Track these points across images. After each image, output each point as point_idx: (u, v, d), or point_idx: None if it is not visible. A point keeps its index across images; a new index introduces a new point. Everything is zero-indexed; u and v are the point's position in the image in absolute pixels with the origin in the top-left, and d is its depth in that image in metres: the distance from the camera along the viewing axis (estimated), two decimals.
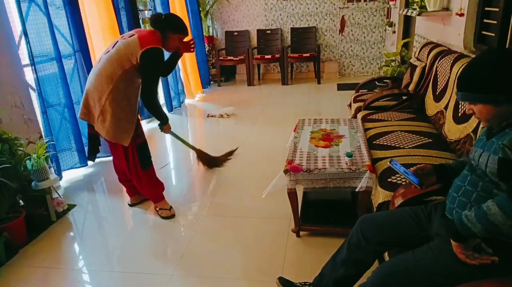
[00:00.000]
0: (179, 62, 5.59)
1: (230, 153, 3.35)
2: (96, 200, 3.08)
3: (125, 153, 2.57)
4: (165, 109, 5.23)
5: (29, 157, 2.57)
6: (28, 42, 2.87)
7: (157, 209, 2.74)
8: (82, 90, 3.47)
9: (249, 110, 5.20)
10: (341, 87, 6.09)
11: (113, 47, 2.41)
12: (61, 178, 3.27)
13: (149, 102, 2.47)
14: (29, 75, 3.01)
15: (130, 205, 2.89)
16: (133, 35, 2.40)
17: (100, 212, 2.93)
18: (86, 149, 3.05)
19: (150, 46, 2.33)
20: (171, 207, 2.73)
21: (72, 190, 3.20)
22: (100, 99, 2.37)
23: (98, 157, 3.70)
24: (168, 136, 4.45)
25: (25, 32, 2.86)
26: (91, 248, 2.43)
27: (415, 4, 3.82)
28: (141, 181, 2.65)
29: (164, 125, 2.67)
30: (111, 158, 3.72)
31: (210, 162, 3.20)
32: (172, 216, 2.68)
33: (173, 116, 5.16)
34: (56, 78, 3.19)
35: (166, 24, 2.46)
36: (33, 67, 2.92)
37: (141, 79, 2.44)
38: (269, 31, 6.76)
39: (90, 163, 3.59)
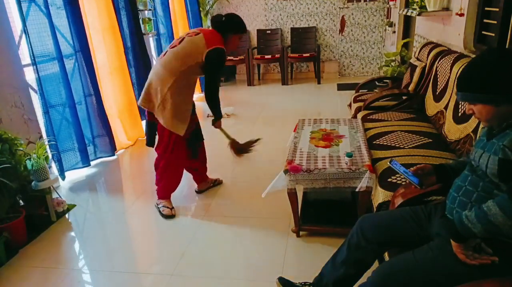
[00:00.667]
0: None
1: (255, 141, 3.42)
2: (96, 200, 3.09)
3: (167, 143, 2.62)
4: None
5: (29, 157, 2.57)
6: (29, 42, 2.87)
7: (159, 205, 2.75)
8: (83, 90, 3.48)
9: (249, 110, 5.20)
10: (341, 87, 6.09)
11: (179, 42, 2.52)
12: (64, 178, 3.27)
13: (212, 98, 2.62)
14: (29, 75, 3.01)
15: (197, 192, 3.03)
16: (199, 33, 2.51)
17: (100, 212, 2.93)
18: (145, 137, 3.04)
19: (216, 46, 2.45)
20: (173, 207, 2.73)
21: (73, 190, 3.20)
22: (162, 90, 2.48)
23: (100, 157, 3.71)
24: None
25: (25, 32, 2.86)
26: (91, 248, 2.43)
27: (415, 4, 3.82)
28: (165, 168, 2.70)
29: (217, 121, 2.78)
30: (112, 158, 3.75)
31: (239, 149, 3.29)
32: (172, 216, 2.68)
33: None
34: (58, 78, 3.19)
35: (228, 25, 2.57)
36: (34, 67, 2.93)
37: (206, 76, 2.56)
38: (269, 31, 6.76)
39: (92, 163, 3.60)
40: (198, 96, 6.14)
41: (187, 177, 3.44)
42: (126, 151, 4.02)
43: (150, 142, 2.80)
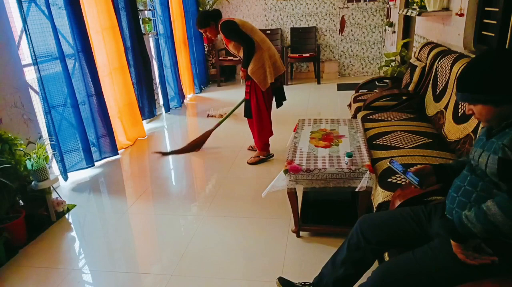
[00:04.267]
0: (178, 62, 5.60)
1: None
2: (96, 200, 3.09)
3: None
4: (162, 110, 5.25)
5: (29, 157, 2.57)
6: (30, 42, 2.87)
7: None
8: (86, 90, 3.48)
9: None
10: (341, 87, 6.09)
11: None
12: (66, 179, 3.28)
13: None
14: (29, 75, 3.01)
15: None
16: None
17: (101, 212, 2.92)
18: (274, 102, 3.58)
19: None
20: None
21: (73, 190, 3.20)
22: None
23: (105, 158, 3.71)
24: (168, 137, 4.47)
25: (26, 32, 2.86)
26: (91, 248, 2.43)
27: (415, 4, 3.83)
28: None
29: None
30: (113, 158, 3.76)
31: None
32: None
33: (172, 117, 5.17)
34: (60, 78, 3.19)
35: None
36: (36, 67, 2.93)
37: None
38: (269, 31, 6.75)
39: (96, 163, 3.60)
40: (190, 97, 6.14)
41: (187, 177, 3.44)
42: (126, 151, 4.02)
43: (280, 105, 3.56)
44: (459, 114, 2.35)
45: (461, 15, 2.95)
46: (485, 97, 1.25)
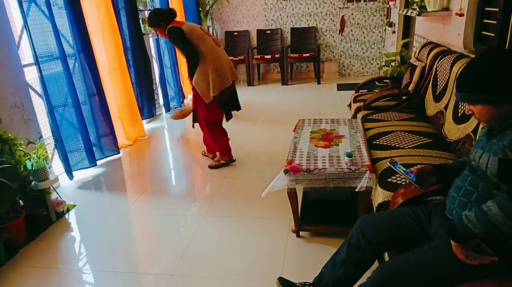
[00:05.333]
0: (178, 62, 5.60)
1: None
2: (96, 200, 3.08)
3: None
4: (162, 109, 5.24)
5: (29, 157, 2.57)
6: (31, 42, 2.88)
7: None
8: (87, 90, 3.48)
9: (249, 110, 5.20)
10: (341, 87, 6.09)
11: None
12: (72, 177, 3.29)
13: None
14: (29, 75, 3.01)
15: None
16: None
17: (101, 212, 2.92)
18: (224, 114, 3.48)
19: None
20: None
21: (73, 190, 3.20)
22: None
23: (106, 157, 3.72)
24: (168, 137, 4.46)
25: (27, 32, 2.86)
26: (91, 248, 2.43)
27: (415, 4, 3.83)
28: None
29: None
30: (114, 158, 3.76)
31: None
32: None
33: None
34: (61, 78, 3.20)
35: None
36: (37, 66, 2.93)
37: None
38: (269, 31, 6.76)
39: (98, 162, 3.61)
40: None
41: (187, 177, 3.44)
42: (126, 151, 4.02)
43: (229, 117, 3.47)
44: (459, 114, 2.35)
45: (461, 15, 2.95)
46: (485, 98, 1.25)
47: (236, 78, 3.35)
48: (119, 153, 3.81)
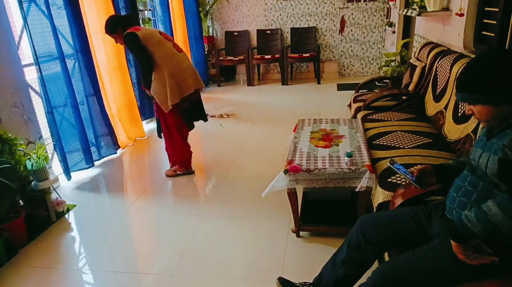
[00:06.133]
0: None
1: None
2: (96, 200, 3.08)
3: None
4: None
5: (29, 157, 2.57)
6: (31, 42, 2.88)
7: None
8: (85, 90, 3.48)
9: (249, 110, 5.20)
10: (341, 87, 6.09)
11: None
12: (69, 178, 3.29)
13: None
14: (29, 75, 3.01)
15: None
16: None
17: (100, 212, 2.92)
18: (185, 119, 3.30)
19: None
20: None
21: (73, 190, 3.20)
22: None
23: (103, 157, 3.71)
24: None
25: (27, 32, 2.86)
26: (91, 248, 2.43)
27: (415, 4, 3.83)
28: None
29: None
30: (114, 157, 3.76)
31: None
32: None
33: None
34: (60, 78, 3.20)
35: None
36: (37, 67, 2.93)
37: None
38: (269, 31, 6.76)
39: (96, 163, 3.61)
40: None
41: (186, 177, 3.44)
42: (126, 151, 4.02)
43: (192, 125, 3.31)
44: (459, 114, 2.35)
45: (461, 15, 2.95)
46: (485, 98, 1.25)
47: (200, 87, 3.17)
48: (115, 153, 3.81)
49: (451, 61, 2.70)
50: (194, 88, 3.10)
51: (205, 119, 3.39)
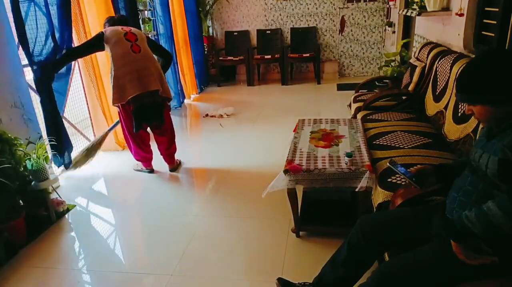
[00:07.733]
0: (179, 62, 5.60)
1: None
2: (96, 200, 3.08)
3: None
4: None
5: (29, 157, 2.57)
6: (32, 42, 2.87)
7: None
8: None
9: (249, 110, 5.20)
10: (341, 87, 6.09)
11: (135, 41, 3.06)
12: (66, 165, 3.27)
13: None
14: (29, 75, 3.01)
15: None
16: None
17: (100, 212, 2.92)
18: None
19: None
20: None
21: (73, 190, 3.20)
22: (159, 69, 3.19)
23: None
24: None
25: (26, 31, 2.86)
26: (91, 248, 2.43)
27: (415, 4, 3.82)
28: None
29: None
30: (117, 156, 3.76)
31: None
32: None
33: (172, 117, 5.15)
34: (60, 78, 3.20)
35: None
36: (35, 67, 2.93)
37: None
38: (269, 31, 6.76)
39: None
40: (193, 97, 6.14)
41: (186, 177, 3.44)
42: (126, 151, 4.01)
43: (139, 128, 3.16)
44: (459, 114, 2.35)
45: (461, 15, 2.95)
46: (485, 98, 1.25)
47: (155, 88, 3.01)
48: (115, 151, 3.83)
49: (451, 61, 2.70)
50: (140, 92, 2.94)
51: (161, 123, 3.26)
